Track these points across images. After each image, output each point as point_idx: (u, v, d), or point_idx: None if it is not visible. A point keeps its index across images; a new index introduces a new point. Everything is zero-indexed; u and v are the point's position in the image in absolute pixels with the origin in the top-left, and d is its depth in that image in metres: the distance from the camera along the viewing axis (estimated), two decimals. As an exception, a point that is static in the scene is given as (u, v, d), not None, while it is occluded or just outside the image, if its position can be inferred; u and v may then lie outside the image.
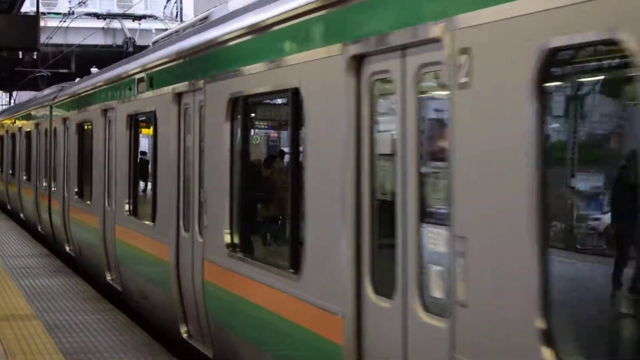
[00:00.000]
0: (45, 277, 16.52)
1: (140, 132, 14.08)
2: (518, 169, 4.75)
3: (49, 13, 43.11)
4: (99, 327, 12.01)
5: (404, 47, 6.08)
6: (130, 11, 42.30)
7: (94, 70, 27.92)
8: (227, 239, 9.32)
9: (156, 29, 44.72)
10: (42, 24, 19.58)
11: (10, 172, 32.10)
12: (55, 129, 21.88)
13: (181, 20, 43.02)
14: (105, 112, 15.97)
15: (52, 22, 39.04)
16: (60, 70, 43.80)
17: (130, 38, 30.78)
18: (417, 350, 5.83)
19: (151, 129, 12.96)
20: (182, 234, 11.12)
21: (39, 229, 23.76)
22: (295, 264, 7.53)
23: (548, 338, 4.48)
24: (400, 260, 6.03)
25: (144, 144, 14.16)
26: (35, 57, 45.73)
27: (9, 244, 22.02)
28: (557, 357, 4.44)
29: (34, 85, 50.54)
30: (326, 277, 6.94)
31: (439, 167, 5.77)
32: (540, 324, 4.50)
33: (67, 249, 19.44)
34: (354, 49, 6.61)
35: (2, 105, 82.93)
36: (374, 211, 6.52)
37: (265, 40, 8.53)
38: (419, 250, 5.88)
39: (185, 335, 10.86)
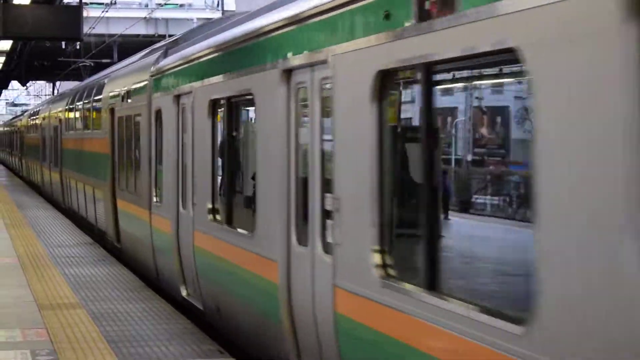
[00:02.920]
0: (90, 266, 16.63)
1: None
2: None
3: (91, 3, 43.40)
4: (144, 316, 12.06)
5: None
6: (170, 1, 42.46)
7: None
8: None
9: (197, 19, 44.94)
10: (84, 14, 19.68)
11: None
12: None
13: (222, 10, 43.06)
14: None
15: (95, 12, 39.27)
16: (103, 60, 44.08)
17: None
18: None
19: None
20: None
21: None
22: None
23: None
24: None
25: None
26: (78, 47, 46.08)
27: (53, 233, 22.21)
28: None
29: (77, 75, 50.90)
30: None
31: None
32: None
33: None
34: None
35: (46, 95, 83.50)
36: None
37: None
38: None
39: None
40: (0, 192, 36.68)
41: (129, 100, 17.17)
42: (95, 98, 21.94)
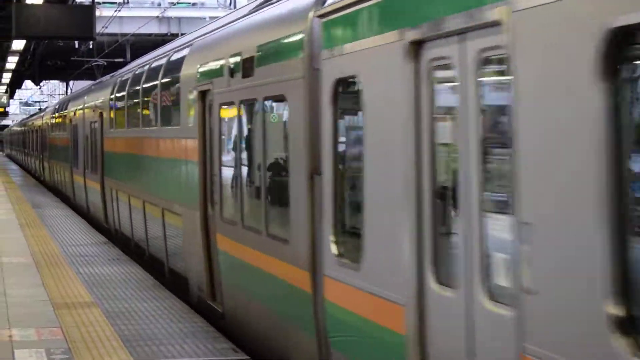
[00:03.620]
0: (104, 265, 16.65)
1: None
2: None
3: (104, 2, 43.50)
4: (158, 315, 12.06)
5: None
6: (183, -1, 42.51)
7: None
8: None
9: (210, 17, 44.96)
10: (97, 13, 19.73)
11: None
12: None
13: (235, 7, 43.10)
14: None
15: (107, 12, 39.36)
16: (116, 60, 44.18)
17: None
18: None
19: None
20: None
21: None
22: None
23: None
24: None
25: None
26: (91, 46, 46.21)
27: (67, 232, 22.25)
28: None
29: (90, 74, 51.02)
30: None
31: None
32: None
33: None
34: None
35: (59, 94, 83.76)
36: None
37: None
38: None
39: None
40: (15, 192, 36.78)
41: (250, 74, 10.25)
42: (164, 81, 15.33)
